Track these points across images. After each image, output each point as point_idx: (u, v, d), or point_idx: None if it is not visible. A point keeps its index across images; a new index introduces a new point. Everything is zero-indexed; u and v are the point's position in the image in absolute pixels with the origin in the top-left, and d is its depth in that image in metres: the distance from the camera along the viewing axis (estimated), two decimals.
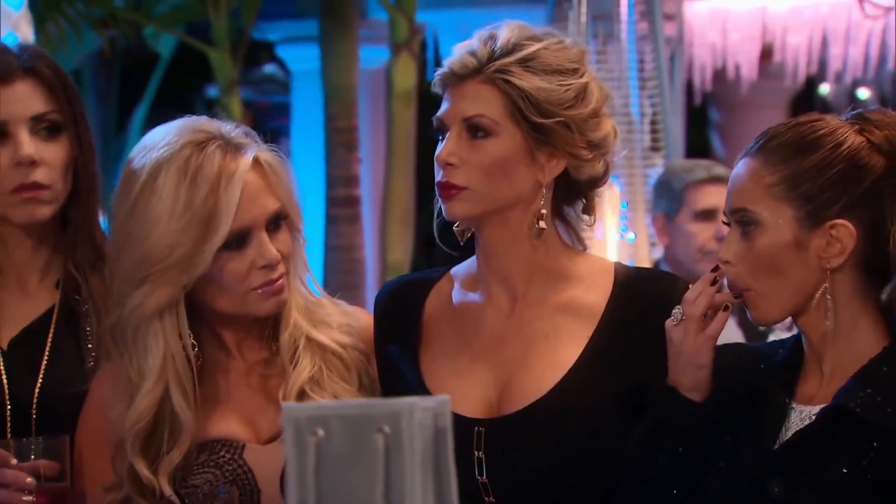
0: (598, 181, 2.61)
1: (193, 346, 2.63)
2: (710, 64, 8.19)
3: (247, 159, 2.58)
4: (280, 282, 2.61)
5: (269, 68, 10.19)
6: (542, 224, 2.55)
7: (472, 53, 2.54)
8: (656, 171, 5.51)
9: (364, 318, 2.78)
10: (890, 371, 2.30)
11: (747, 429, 2.39)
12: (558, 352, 2.56)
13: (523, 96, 2.50)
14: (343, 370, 2.69)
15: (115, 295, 2.62)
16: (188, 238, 2.54)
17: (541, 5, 7.66)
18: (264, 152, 2.63)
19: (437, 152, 2.56)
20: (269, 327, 2.70)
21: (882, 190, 2.31)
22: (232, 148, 2.59)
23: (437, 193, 2.59)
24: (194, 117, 2.69)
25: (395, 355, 2.68)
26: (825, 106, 10.39)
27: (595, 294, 2.59)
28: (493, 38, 2.55)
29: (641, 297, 2.57)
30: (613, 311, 2.57)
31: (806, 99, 10.74)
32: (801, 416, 2.35)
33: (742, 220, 2.36)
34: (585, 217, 2.67)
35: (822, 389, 2.35)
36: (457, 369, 2.61)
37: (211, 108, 11.52)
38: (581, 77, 2.55)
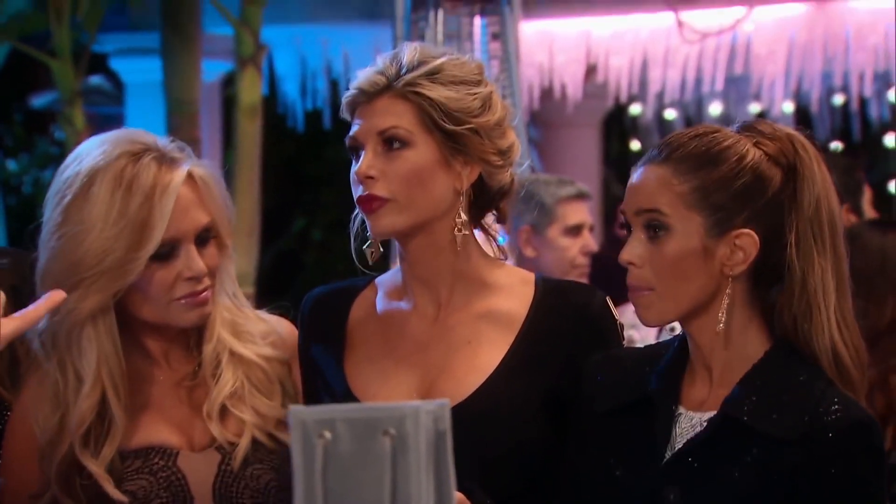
0: (507, 191, 2.65)
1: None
2: (537, 83, 8.35)
3: (181, 172, 2.57)
4: (204, 294, 2.61)
5: (95, 80, 9.99)
6: (464, 230, 2.58)
7: (380, 72, 2.56)
8: None
9: (286, 327, 2.79)
10: (773, 376, 2.36)
11: (640, 436, 2.42)
12: (479, 357, 2.59)
13: (434, 106, 2.53)
14: (265, 383, 2.68)
15: None
16: (121, 245, 2.53)
17: (375, 24, 7.71)
18: (198, 167, 2.62)
19: (353, 170, 2.57)
20: (193, 339, 2.69)
21: (781, 202, 2.37)
22: (167, 160, 2.58)
23: (358, 210, 2.60)
24: (129, 129, 2.68)
25: (320, 361, 2.69)
26: (635, 125, 10.67)
27: (516, 302, 2.63)
28: (397, 56, 2.57)
29: (561, 307, 2.61)
30: (534, 320, 2.61)
31: (617, 118, 11.00)
32: (692, 422, 2.39)
33: (651, 223, 2.38)
34: (499, 226, 2.71)
35: (711, 394, 2.39)
36: (382, 373, 2.62)
37: (34, 119, 11.24)
38: (485, 87, 2.60)
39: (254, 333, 2.70)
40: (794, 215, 2.36)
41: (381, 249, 2.67)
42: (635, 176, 2.41)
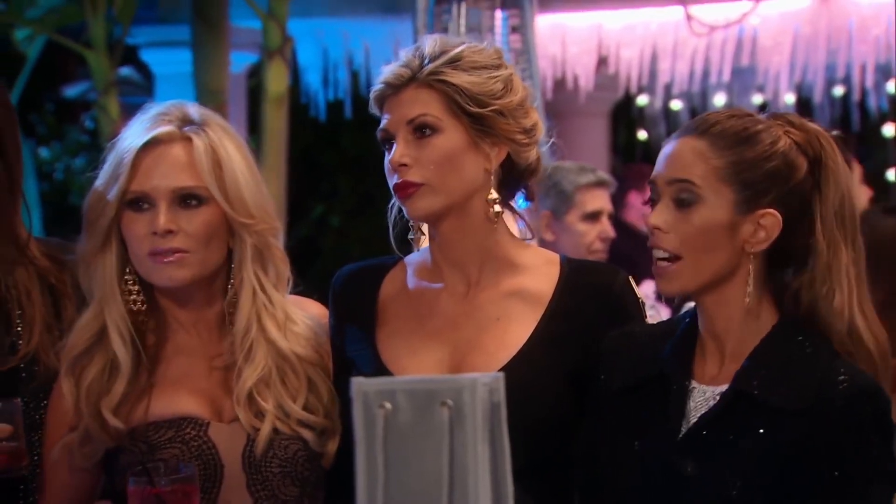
0: (535, 168, 2.66)
1: (139, 293, 2.68)
2: (550, 74, 8.34)
3: (159, 130, 2.61)
4: (174, 256, 2.61)
5: (125, 71, 10.01)
6: (497, 208, 2.60)
7: (405, 65, 2.59)
8: None
9: (317, 309, 2.79)
10: (781, 349, 2.38)
11: (655, 410, 2.43)
12: (508, 334, 2.60)
13: (459, 91, 2.55)
14: (294, 380, 2.68)
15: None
16: (104, 192, 2.64)
17: (395, 17, 7.70)
18: (205, 137, 2.62)
19: (386, 160, 2.59)
20: (227, 317, 2.69)
21: (805, 190, 2.39)
22: (162, 123, 2.62)
23: (394, 198, 2.62)
24: (162, 103, 2.70)
25: (352, 334, 2.69)
26: (642, 116, 10.65)
27: (542, 282, 2.65)
28: (419, 49, 2.61)
29: (585, 286, 2.63)
30: (559, 298, 2.63)
31: (625, 109, 10.98)
32: (705, 396, 2.40)
33: (682, 192, 2.39)
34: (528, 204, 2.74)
35: (723, 369, 2.41)
36: (412, 348, 2.63)
37: (65, 108, 11.24)
38: (505, 70, 2.62)
39: (296, 330, 2.70)
40: (819, 205, 2.39)
41: (424, 234, 2.68)
42: (669, 147, 2.43)
